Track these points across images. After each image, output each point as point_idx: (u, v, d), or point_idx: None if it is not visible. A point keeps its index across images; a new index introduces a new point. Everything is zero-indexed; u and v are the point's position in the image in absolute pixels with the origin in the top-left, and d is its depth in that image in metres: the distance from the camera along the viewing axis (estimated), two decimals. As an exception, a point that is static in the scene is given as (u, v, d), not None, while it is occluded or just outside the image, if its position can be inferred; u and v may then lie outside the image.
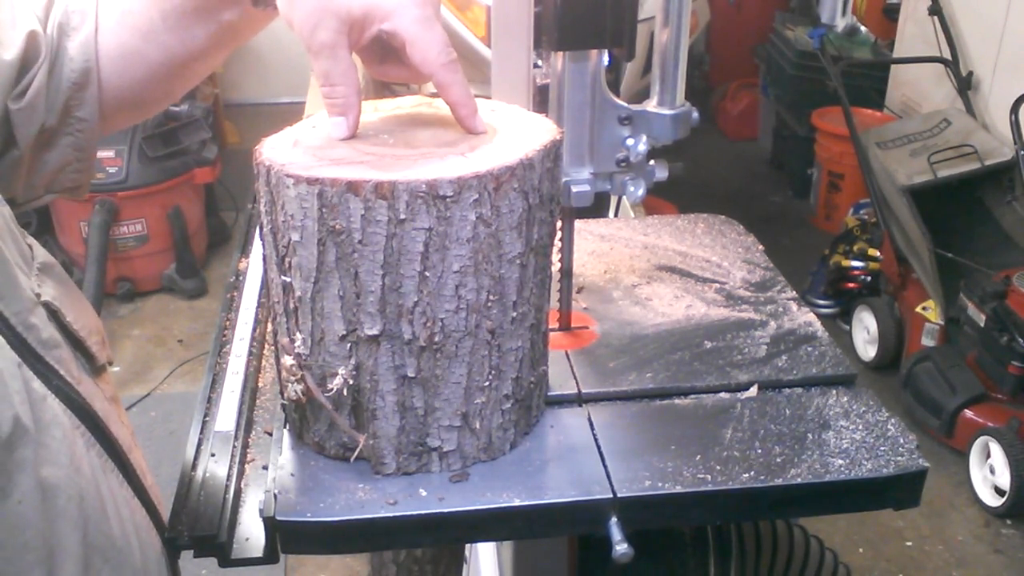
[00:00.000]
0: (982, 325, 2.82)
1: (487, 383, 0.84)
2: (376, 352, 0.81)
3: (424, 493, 0.83)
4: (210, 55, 0.96)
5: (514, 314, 0.84)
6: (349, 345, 0.81)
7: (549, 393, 0.97)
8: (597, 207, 1.38)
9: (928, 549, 2.64)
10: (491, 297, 0.82)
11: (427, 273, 0.78)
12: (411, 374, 0.81)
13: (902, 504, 0.89)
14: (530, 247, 0.83)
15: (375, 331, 0.80)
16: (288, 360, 0.84)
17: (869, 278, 3.53)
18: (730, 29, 5.31)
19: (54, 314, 0.77)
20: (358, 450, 0.85)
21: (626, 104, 1.04)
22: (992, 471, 2.71)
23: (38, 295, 0.76)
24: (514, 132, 0.86)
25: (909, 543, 2.66)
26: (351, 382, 0.82)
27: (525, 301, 0.85)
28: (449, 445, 0.85)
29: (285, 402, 0.89)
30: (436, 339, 0.80)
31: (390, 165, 0.78)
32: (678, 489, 0.85)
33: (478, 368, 0.83)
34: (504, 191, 0.78)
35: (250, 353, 1.10)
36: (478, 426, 0.85)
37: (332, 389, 0.82)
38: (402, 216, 0.76)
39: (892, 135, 3.29)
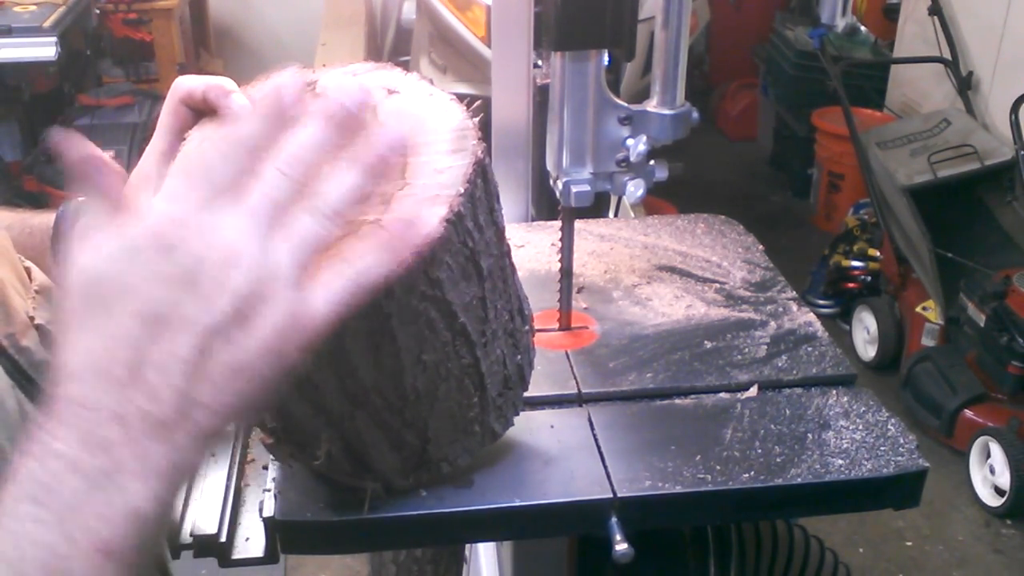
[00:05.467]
0: (982, 325, 2.81)
1: (475, 398, 0.79)
2: (354, 420, 0.75)
3: (424, 493, 0.83)
4: None
5: (485, 339, 0.76)
6: (323, 418, 0.75)
7: (550, 393, 0.97)
8: (597, 207, 1.38)
9: (928, 549, 2.64)
10: (457, 343, 0.73)
11: (380, 359, 0.70)
12: (396, 426, 0.76)
13: (902, 504, 0.89)
14: (482, 278, 0.74)
15: (344, 409, 0.73)
16: (267, 439, 0.79)
17: (869, 278, 3.52)
18: (730, 29, 5.29)
19: (47, 337, 0.78)
20: (367, 501, 0.80)
21: (626, 104, 1.04)
22: (992, 471, 2.71)
23: (32, 317, 0.77)
24: (426, 146, 0.68)
25: (909, 543, 2.66)
26: (336, 443, 0.77)
27: (494, 320, 0.77)
28: (453, 455, 0.83)
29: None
30: (411, 397, 0.74)
31: None
32: (678, 489, 0.85)
33: (464, 393, 0.78)
34: (439, 259, 0.67)
35: (250, 353, 1.09)
36: (478, 429, 0.84)
37: (320, 457, 0.77)
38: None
39: (892, 135, 3.28)
